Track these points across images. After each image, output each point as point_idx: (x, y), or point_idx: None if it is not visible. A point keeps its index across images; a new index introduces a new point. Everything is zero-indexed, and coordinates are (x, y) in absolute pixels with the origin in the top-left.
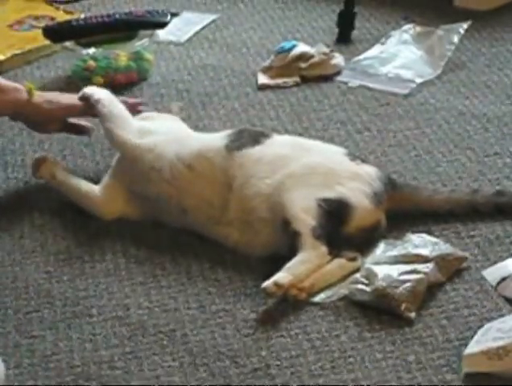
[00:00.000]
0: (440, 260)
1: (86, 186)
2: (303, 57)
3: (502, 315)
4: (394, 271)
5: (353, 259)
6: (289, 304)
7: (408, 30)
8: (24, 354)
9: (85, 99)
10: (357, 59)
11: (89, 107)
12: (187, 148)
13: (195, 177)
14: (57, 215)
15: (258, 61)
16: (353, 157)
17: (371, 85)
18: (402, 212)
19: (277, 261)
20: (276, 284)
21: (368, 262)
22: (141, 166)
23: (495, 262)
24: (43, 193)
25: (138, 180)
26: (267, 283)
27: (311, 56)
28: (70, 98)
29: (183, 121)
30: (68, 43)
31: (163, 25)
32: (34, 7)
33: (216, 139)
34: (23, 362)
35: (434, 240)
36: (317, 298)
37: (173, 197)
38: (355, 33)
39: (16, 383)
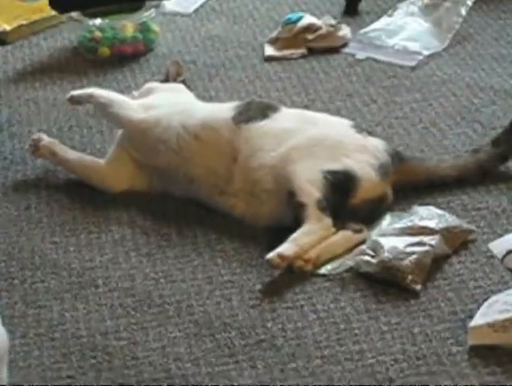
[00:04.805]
0: (446, 233)
1: (90, 160)
2: (310, 29)
3: (508, 288)
4: (400, 243)
5: (359, 231)
6: (295, 275)
7: (416, 2)
8: (30, 324)
9: (77, 101)
10: (364, 31)
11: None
12: (193, 118)
13: (201, 146)
14: (63, 185)
15: (264, 32)
16: (360, 129)
17: (378, 57)
18: (409, 185)
19: (284, 232)
20: (280, 255)
21: (374, 234)
22: (149, 139)
23: (501, 235)
24: (50, 164)
25: (146, 152)
26: (271, 255)
27: (318, 28)
28: None
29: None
30: (74, 14)
31: None
32: None
33: (224, 110)
34: (29, 332)
35: (440, 212)
36: (323, 270)
37: (180, 167)
38: (362, 5)
39: (22, 353)
